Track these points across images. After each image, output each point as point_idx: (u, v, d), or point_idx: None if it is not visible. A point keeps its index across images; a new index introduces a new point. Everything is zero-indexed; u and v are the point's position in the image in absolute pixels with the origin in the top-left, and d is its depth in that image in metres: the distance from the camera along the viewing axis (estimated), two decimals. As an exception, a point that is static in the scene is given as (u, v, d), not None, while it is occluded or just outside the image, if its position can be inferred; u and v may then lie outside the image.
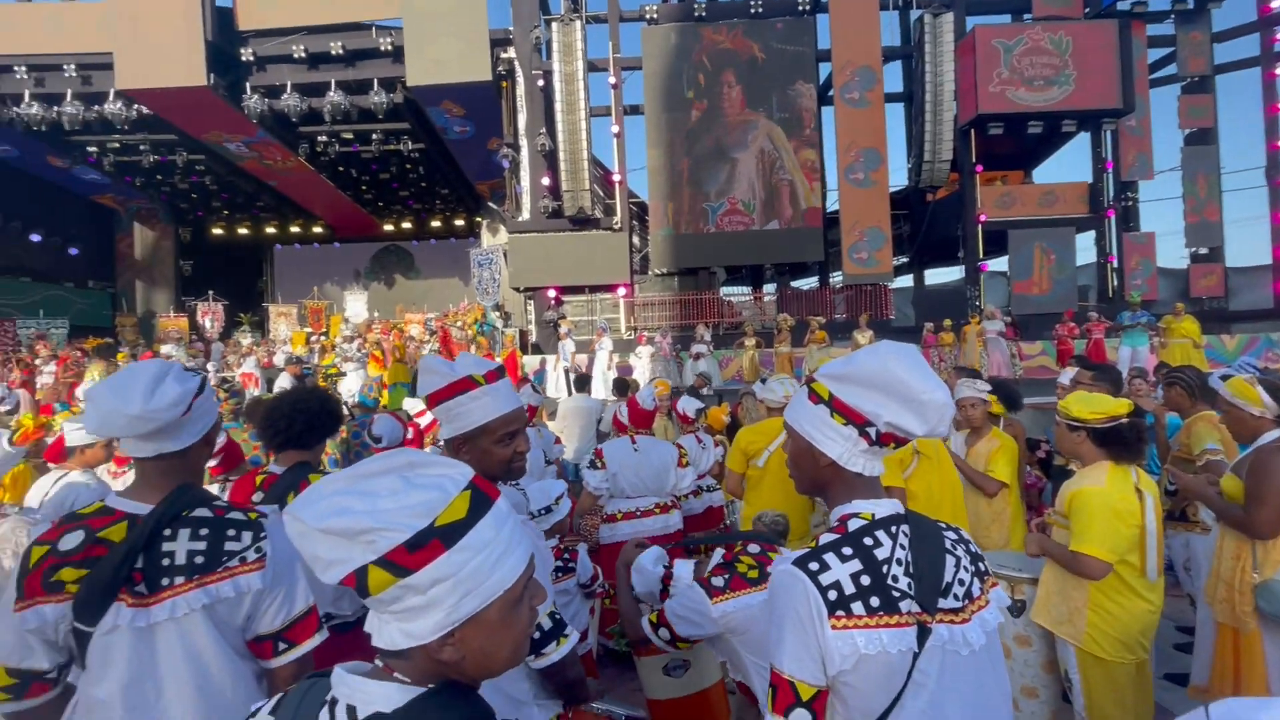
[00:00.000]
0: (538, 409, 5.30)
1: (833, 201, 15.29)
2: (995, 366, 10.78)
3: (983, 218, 14.20)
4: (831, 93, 14.83)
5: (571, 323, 13.27)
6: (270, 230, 21.78)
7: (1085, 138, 14.95)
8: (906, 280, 18.27)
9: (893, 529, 1.05)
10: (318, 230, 21.64)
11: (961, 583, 1.06)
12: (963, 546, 1.10)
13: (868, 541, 1.03)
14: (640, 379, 10.63)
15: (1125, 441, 2.17)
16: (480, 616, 0.69)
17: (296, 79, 14.21)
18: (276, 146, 15.55)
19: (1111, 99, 13.64)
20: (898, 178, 16.70)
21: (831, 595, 0.98)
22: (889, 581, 1.01)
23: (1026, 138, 14.58)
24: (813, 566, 1.01)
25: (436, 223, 21.44)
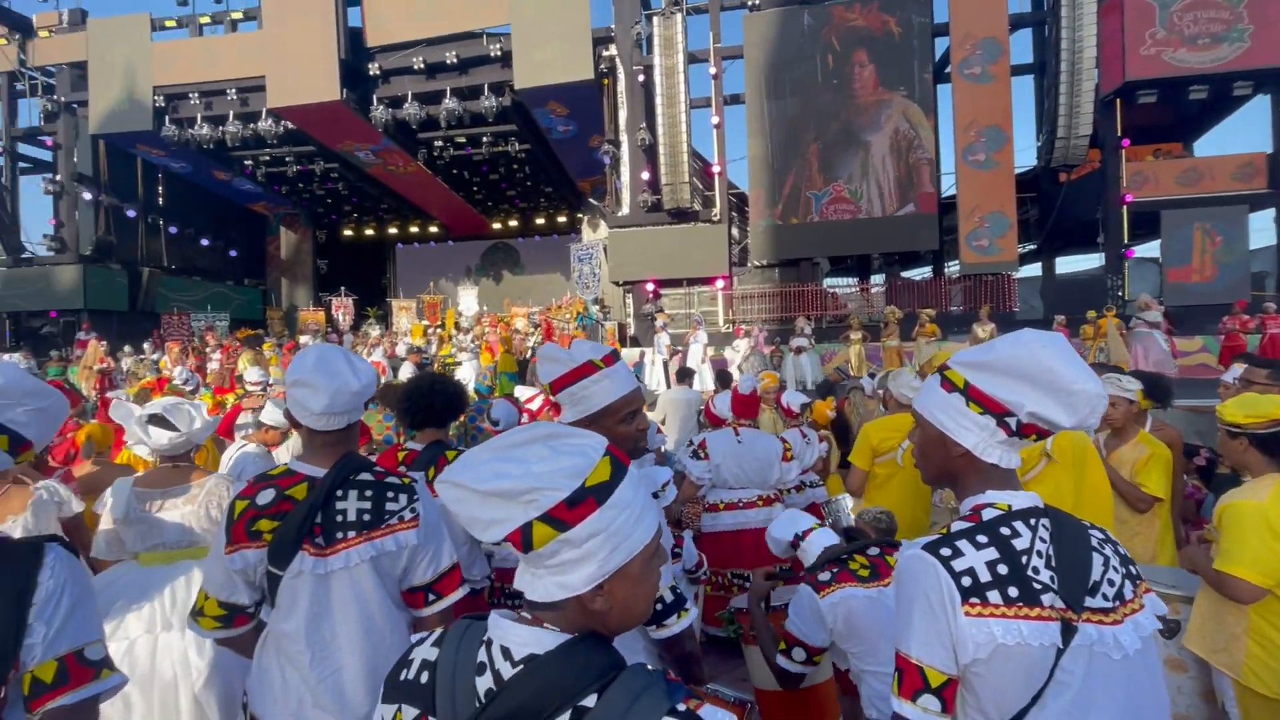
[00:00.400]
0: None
1: (948, 186, 14.33)
2: (1149, 364, 9.13)
3: (1128, 198, 12.72)
4: (949, 69, 13.85)
5: (668, 316, 13.36)
6: (392, 231, 23.61)
7: (1263, 102, 12.97)
8: (1033, 269, 16.76)
9: (1032, 521, 1.01)
10: (434, 230, 23.19)
11: (1111, 583, 1.00)
12: (1111, 546, 1.04)
13: (1004, 531, 1.00)
14: (737, 373, 10.54)
15: None
16: (625, 569, 0.76)
17: (416, 89, 15.27)
18: (399, 153, 16.82)
19: (1297, 55, 11.77)
20: (1024, 158, 15.31)
21: (965, 581, 0.96)
22: (1029, 573, 0.97)
23: (1185, 105, 12.87)
24: (944, 552, 0.99)
25: (540, 220, 22.30)
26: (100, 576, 2.14)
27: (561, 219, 21.84)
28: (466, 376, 11.10)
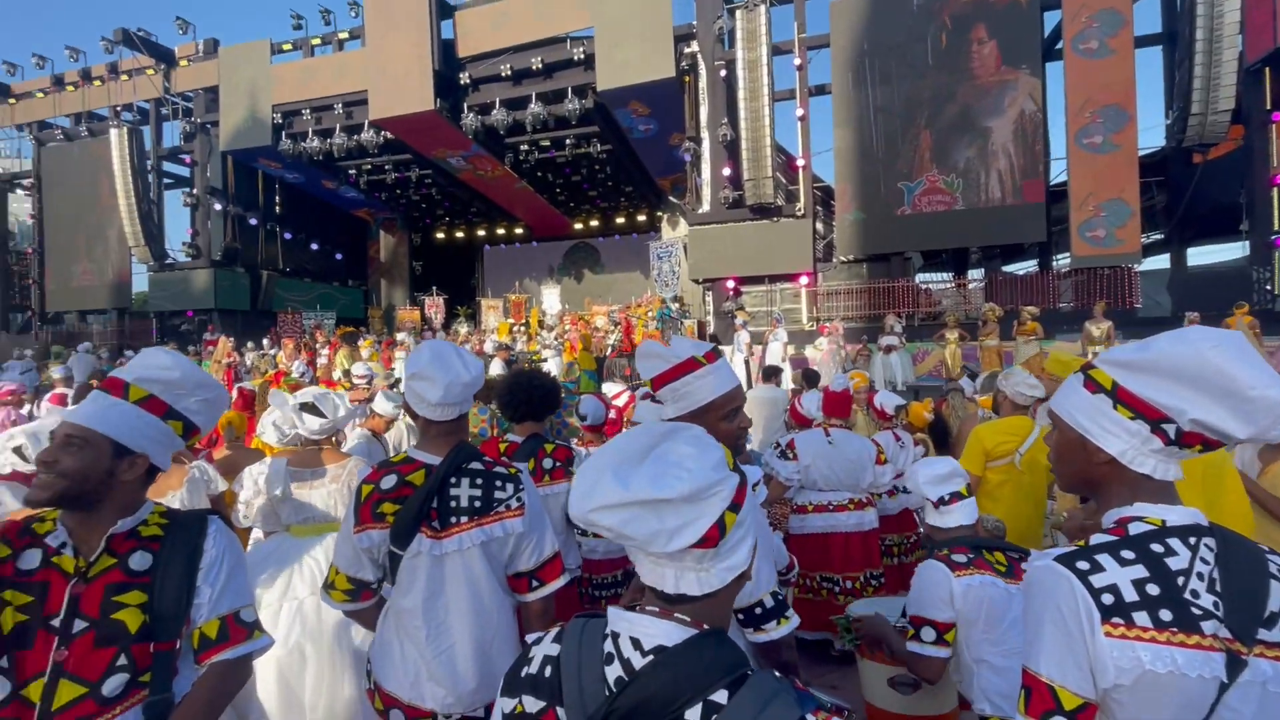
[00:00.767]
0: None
1: (1057, 172, 13.25)
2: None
3: (1278, 179, 11.27)
4: (1059, 45, 12.79)
5: (749, 314, 13.16)
6: (481, 233, 24.66)
7: None
8: (1159, 261, 15.19)
9: (1191, 540, 0.92)
10: (519, 231, 24.02)
11: None
12: None
13: (1156, 548, 0.91)
14: (820, 371, 10.23)
15: None
16: (756, 542, 0.83)
17: (503, 95, 15.85)
18: (487, 158, 17.53)
19: None
20: (1148, 138, 13.85)
21: (1106, 599, 0.89)
22: (1186, 596, 0.88)
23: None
24: (1081, 565, 0.91)
25: (620, 219, 22.57)
26: (263, 546, 2.40)
27: (641, 218, 22.01)
28: (551, 372, 11.42)
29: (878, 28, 13.58)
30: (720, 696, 0.70)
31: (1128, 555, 0.91)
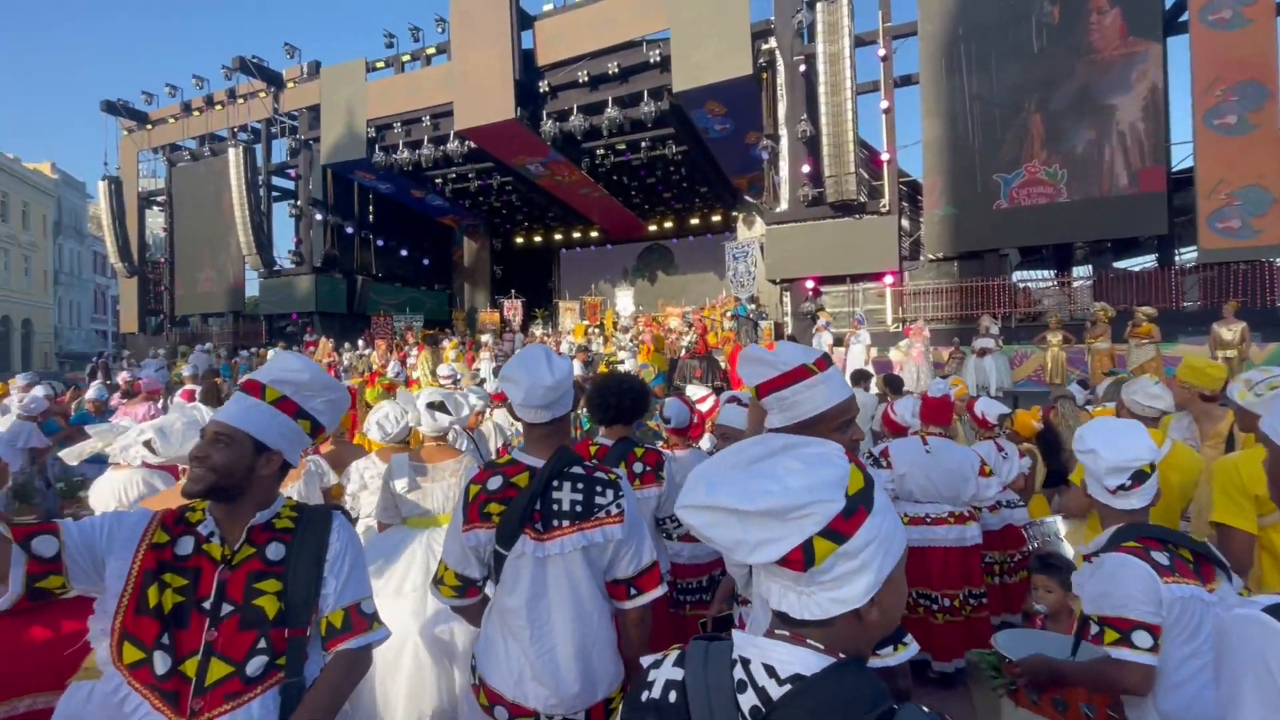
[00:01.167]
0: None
1: (1180, 158, 12.03)
2: None
3: None
4: (1184, 16, 11.61)
5: (830, 314, 12.74)
6: (557, 236, 25.26)
7: None
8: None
9: None
10: (594, 234, 24.42)
11: None
12: None
13: None
14: (907, 376, 9.76)
15: None
16: (893, 576, 0.74)
17: (580, 101, 16.14)
18: (565, 164, 17.91)
19: None
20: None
21: None
22: None
23: None
24: None
25: (695, 220, 22.47)
26: (384, 537, 2.52)
27: (716, 218, 21.82)
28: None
29: (972, 10, 12.80)
30: None
31: None
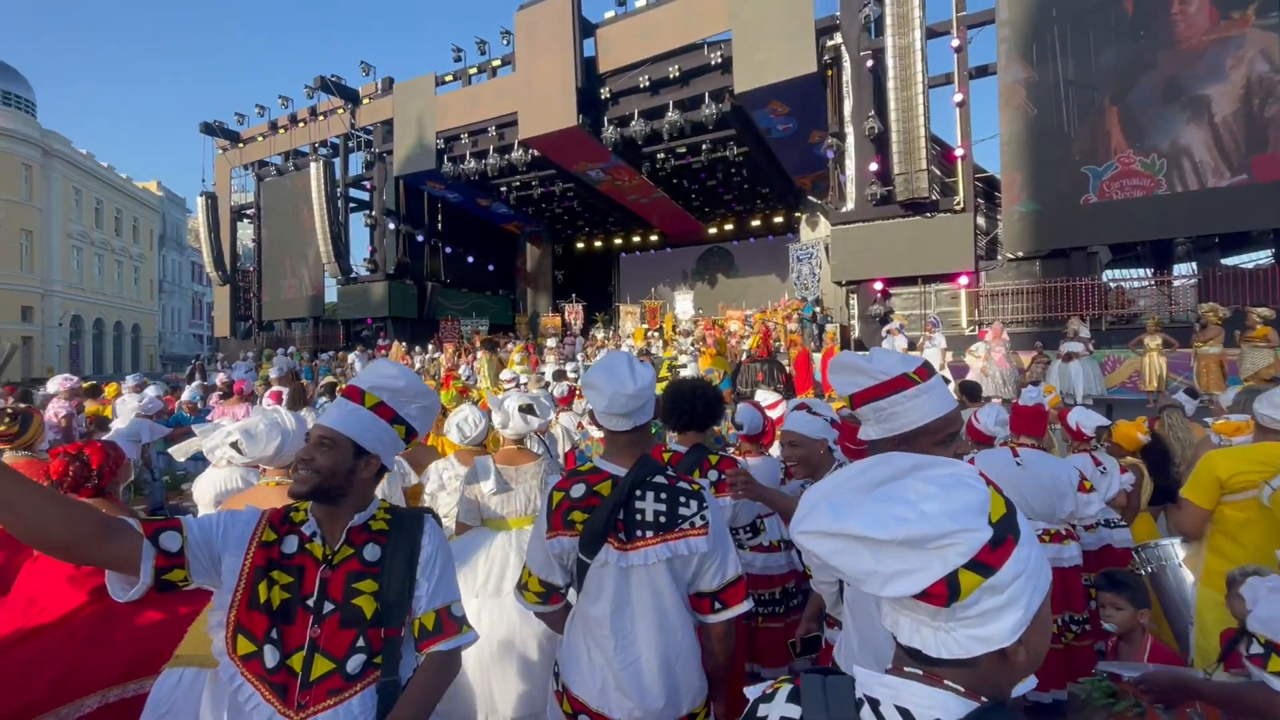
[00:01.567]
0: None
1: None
2: None
3: None
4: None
5: (903, 317, 12.26)
6: (617, 241, 25.47)
7: None
8: None
9: None
10: (654, 238, 24.48)
11: None
12: None
13: None
14: (986, 382, 9.27)
15: None
16: (1040, 613, 0.68)
17: (641, 106, 16.21)
18: (625, 169, 18.03)
19: None
20: None
21: None
22: None
23: None
24: None
25: (756, 222, 22.15)
26: (467, 538, 2.57)
27: (778, 219, 21.44)
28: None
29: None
30: None
31: None
